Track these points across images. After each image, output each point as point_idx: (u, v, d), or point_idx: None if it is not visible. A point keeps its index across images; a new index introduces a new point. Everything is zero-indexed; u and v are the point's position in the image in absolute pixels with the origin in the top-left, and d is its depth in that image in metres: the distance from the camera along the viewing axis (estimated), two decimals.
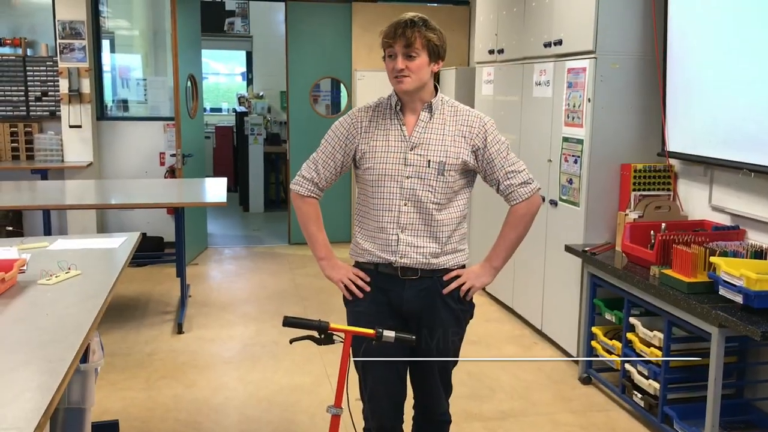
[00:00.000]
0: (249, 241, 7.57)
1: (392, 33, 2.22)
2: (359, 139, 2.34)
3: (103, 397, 3.63)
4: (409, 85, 2.25)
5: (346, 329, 2.12)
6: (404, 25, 2.21)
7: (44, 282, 2.55)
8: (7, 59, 6.50)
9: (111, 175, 6.81)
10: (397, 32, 2.21)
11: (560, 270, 4.28)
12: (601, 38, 3.86)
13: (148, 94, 7.37)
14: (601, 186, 3.98)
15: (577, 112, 4.03)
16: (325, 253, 2.42)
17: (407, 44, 2.21)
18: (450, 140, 2.30)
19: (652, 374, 3.32)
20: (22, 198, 4.84)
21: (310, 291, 5.65)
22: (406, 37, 2.20)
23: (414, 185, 2.28)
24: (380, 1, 7.05)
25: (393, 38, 2.22)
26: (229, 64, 12.62)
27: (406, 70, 2.22)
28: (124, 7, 8.56)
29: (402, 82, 2.25)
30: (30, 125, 6.53)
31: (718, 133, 3.46)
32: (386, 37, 2.23)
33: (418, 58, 2.23)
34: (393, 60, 2.24)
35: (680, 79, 3.72)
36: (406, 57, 2.22)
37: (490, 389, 3.85)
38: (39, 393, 1.63)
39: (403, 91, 2.28)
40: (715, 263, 2.95)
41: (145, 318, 4.97)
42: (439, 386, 2.46)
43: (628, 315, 3.53)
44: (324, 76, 7.33)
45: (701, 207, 3.77)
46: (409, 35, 2.20)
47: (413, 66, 2.23)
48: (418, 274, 2.32)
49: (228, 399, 3.70)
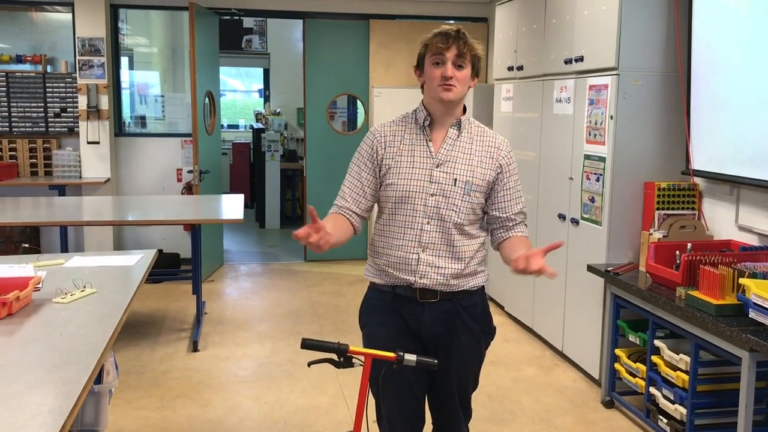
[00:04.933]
0: (265, 258, 7.53)
1: (445, 40, 2.17)
2: (384, 153, 2.28)
3: (118, 417, 3.59)
4: (455, 94, 2.20)
5: (367, 352, 2.06)
6: (457, 34, 2.19)
7: (59, 300, 2.51)
8: (27, 76, 6.55)
9: (128, 191, 6.82)
10: (450, 40, 2.17)
11: (582, 290, 4.19)
12: (623, 54, 3.81)
13: (165, 110, 7.40)
14: (624, 204, 3.91)
15: (599, 130, 3.96)
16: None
17: (459, 53, 2.17)
18: (477, 160, 2.25)
19: (679, 399, 3.22)
20: (40, 214, 4.85)
21: (326, 309, 5.59)
22: (459, 47, 2.17)
23: (438, 203, 2.22)
24: (398, 18, 7.04)
25: (446, 45, 2.17)
26: (246, 81, 12.68)
27: (454, 79, 2.18)
28: (143, 25, 8.65)
29: (450, 90, 2.19)
30: (48, 141, 6.56)
31: (745, 150, 3.38)
32: (440, 43, 2.18)
33: (465, 69, 2.20)
34: (441, 67, 2.19)
35: (705, 96, 3.65)
36: (456, 67, 2.19)
37: (512, 413, 3.77)
38: (51, 417, 1.59)
39: (447, 101, 2.21)
40: (745, 285, 2.86)
41: (160, 335, 4.93)
42: (458, 410, 2.39)
43: (652, 337, 3.44)
44: (341, 93, 7.33)
45: (727, 227, 3.68)
46: (462, 45, 2.17)
47: (461, 76, 2.20)
48: (438, 296, 2.26)
49: (243, 420, 3.64)
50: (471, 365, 2.38)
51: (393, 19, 7.04)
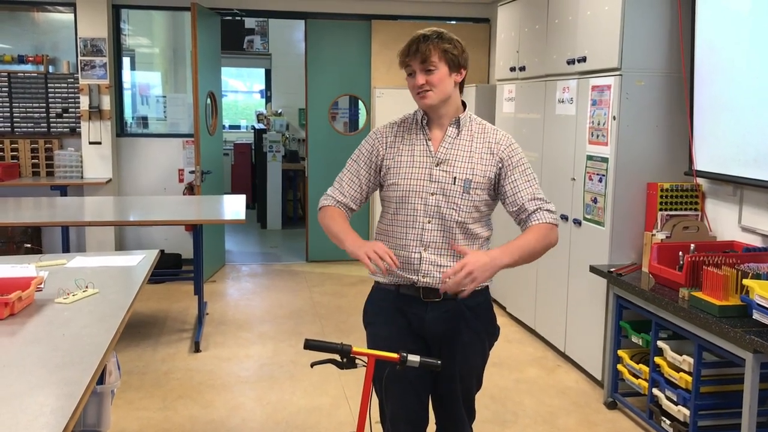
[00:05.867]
0: (266, 259, 7.53)
1: (407, 51, 2.21)
2: (384, 154, 2.30)
3: (120, 417, 3.58)
4: (433, 99, 2.21)
5: (370, 353, 2.05)
6: (418, 40, 2.20)
7: (61, 301, 2.51)
8: (29, 76, 6.55)
9: (130, 191, 6.82)
10: (411, 49, 2.19)
11: (584, 291, 4.18)
12: (626, 55, 3.80)
13: (167, 111, 7.40)
14: (627, 205, 3.90)
15: (601, 130, 3.96)
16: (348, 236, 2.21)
17: (423, 59, 2.18)
18: (477, 157, 2.24)
19: (682, 400, 3.21)
20: (42, 215, 4.84)
21: (328, 310, 5.59)
22: (421, 52, 2.18)
23: (439, 202, 2.22)
24: (400, 19, 7.04)
25: (408, 56, 2.20)
26: (248, 82, 12.69)
27: (427, 84, 2.19)
28: (145, 25, 8.66)
29: (425, 97, 2.21)
30: (50, 141, 6.56)
31: (748, 151, 3.37)
32: (402, 55, 2.22)
33: (437, 71, 2.19)
34: (413, 78, 2.22)
35: (708, 96, 3.64)
36: (425, 72, 2.19)
37: (514, 414, 3.76)
38: (54, 417, 1.58)
39: (428, 106, 2.23)
40: (749, 286, 2.85)
41: (162, 336, 4.93)
42: (462, 411, 2.38)
43: (655, 338, 3.43)
44: (343, 94, 7.32)
45: (730, 227, 3.67)
46: (424, 49, 2.17)
47: (434, 79, 2.19)
48: (441, 296, 2.25)
49: (245, 420, 3.63)
50: (474, 365, 2.37)
51: (395, 19, 7.04)
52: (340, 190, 2.35)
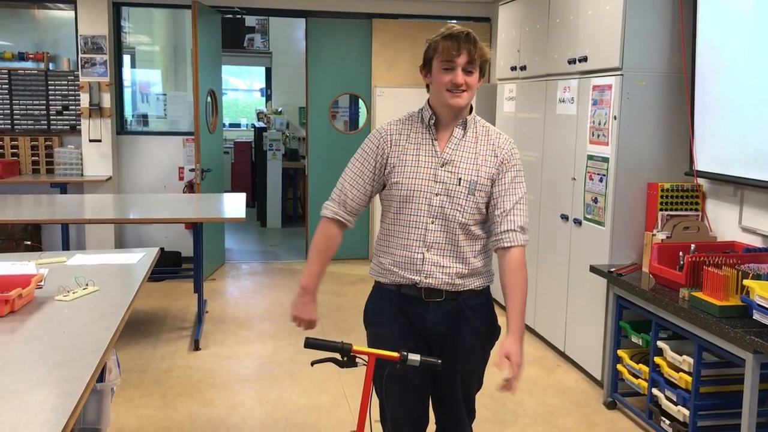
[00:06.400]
0: (266, 257, 7.53)
1: (456, 46, 2.14)
2: (389, 152, 2.26)
3: (119, 415, 3.58)
4: (466, 100, 2.20)
5: (370, 352, 2.05)
6: (465, 39, 2.15)
7: (61, 298, 2.51)
8: (29, 73, 6.54)
9: (130, 189, 6.81)
10: (461, 46, 2.14)
11: (584, 291, 4.18)
12: (627, 55, 3.80)
13: (167, 108, 7.39)
14: (627, 205, 3.90)
15: (602, 130, 3.96)
16: (305, 284, 2.37)
17: (470, 59, 2.15)
18: (482, 159, 2.24)
19: (681, 400, 3.21)
20: (42, 212, 4.84)
21: (328, 309, 5.58)
22: (470, 53, 2.14)
23: (442, 203, 2.21)
24: (401, 18, 7.03)
25: (457, 51, 2.13)
26: (248, 80, 12.67)
27: (465, 85, 2.17)
28: (145, 23, 8.65)
29: (460, 96, 2.18)
30: (50, 139, 6.55)
31: (749, 151, 3.37)
32: (451, 49, 2.14)
33: (474, 74, 2.18)
34: (450, 73, 2.16)
35: (709, 96, 3.64)
36: (465, 72, 2.16)
37: (514, 414, 3.76)
38: (54, 415, 1.58)
39: (460, 107, 2.20)
40: (749, 286, 2.85)
41: (162, 334, 4.92)
42: (462, 411, 2.39)
43: (655, 338, 3.43)
44: (343, 93, 7.32)
45: (731, 228, 3.67)
46: (472, 51, 2.14)
47: (471, 82, 2.18)
48: (443, 296, 2.25)
49: (245, 419, 3.63)
50: (475, 365, 2.37)
51: (396, 18, 7.02)
52: (342, 191, 2.31)
